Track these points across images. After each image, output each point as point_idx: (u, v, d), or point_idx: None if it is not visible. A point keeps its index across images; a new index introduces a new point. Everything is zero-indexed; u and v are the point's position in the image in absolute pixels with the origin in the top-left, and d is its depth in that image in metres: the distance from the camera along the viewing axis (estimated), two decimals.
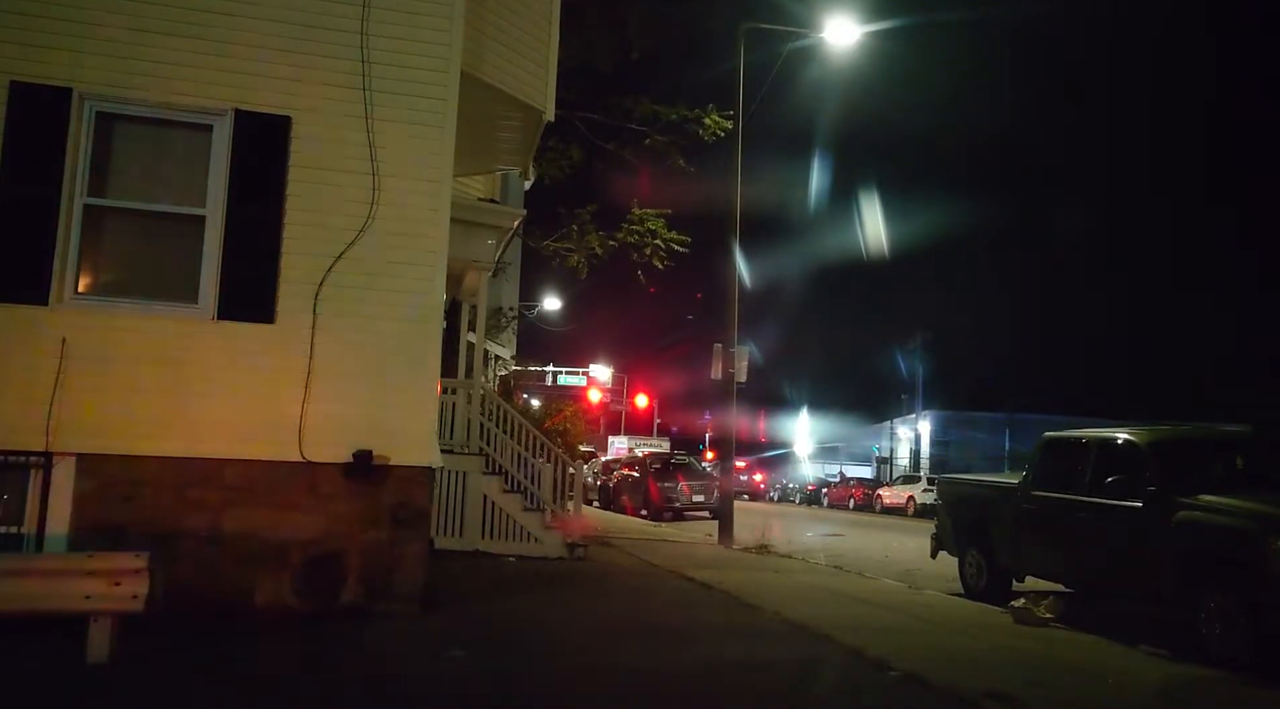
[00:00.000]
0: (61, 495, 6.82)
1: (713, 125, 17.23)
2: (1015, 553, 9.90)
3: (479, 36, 8.43)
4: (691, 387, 51.66)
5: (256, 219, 7.35)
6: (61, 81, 7.08)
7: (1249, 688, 6.47)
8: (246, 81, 7.40)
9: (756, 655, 6.71)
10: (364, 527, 7.34)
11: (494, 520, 11.69)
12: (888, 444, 60.08)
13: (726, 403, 17.45)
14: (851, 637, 7.20)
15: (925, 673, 6.13)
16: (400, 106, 7.64)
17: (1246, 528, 7.19)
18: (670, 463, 27.72)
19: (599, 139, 17.90)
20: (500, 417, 12.49)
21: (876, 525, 26.73)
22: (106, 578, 5.67)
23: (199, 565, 6.93)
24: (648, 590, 9.79)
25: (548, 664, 6.23)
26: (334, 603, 7.21)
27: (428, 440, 7.58)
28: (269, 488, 7.19)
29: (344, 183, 7.48)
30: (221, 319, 7.23)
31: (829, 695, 5.89)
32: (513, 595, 8.82)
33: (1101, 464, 8.82)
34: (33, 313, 6.90)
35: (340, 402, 7.33)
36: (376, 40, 7.60)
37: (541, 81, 9.30)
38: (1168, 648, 7.45)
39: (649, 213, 18.13)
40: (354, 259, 7.42)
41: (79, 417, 6.86)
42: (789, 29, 17.18)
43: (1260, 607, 6.89)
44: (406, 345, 7.55)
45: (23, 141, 6.99)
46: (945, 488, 12.24)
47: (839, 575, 12.22)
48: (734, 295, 16.94)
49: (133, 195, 7.37)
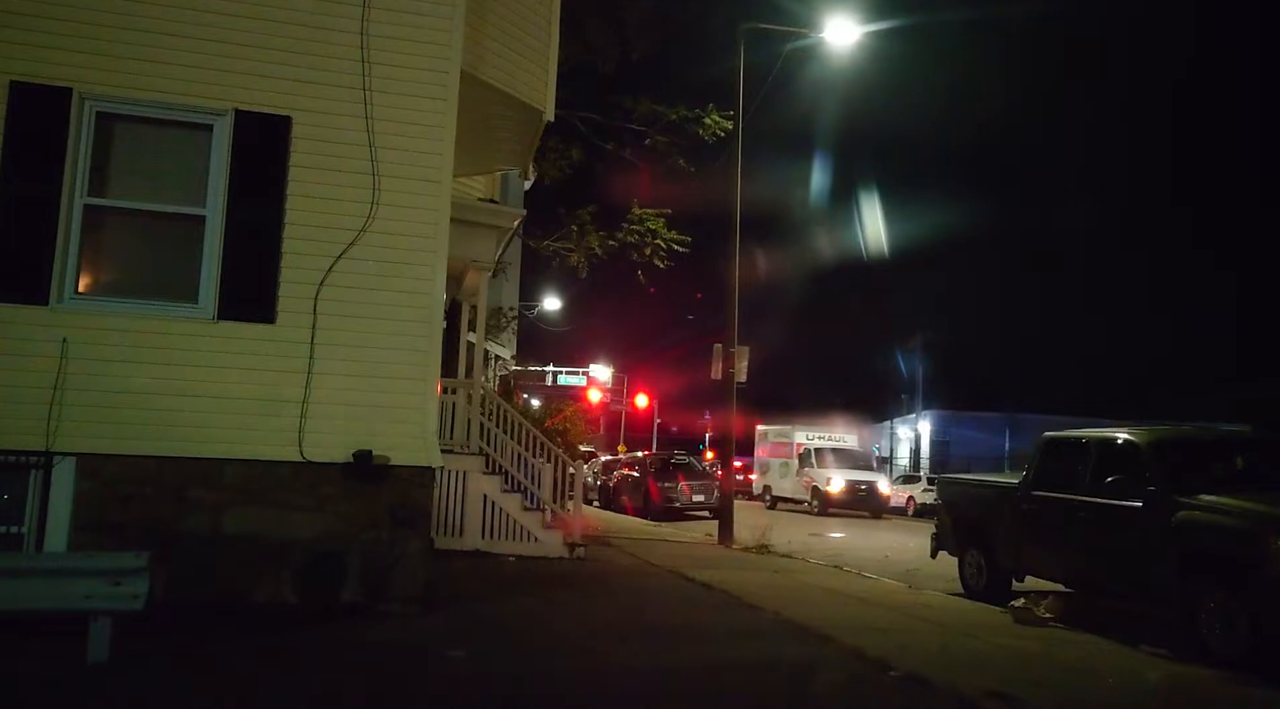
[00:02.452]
0: (61, 495, 6.83)
1: (713, 125, 17.23)
2: (1015, 553, 9.90)
3: (479, 36, 8.44)
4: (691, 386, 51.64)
5: (257, 219, 7.36)
6: (61, 81, 7.09)
7: (1249, 688, 6.47)
8: (246, 81, 7.41)
9: (757, 655, 6.71)
10: (364, 526, 7.34)
11: (494, 520, 11.70)
12: (888, 444, 60.05)
13: (726, 403, 17.45)
14: (852, 637, 7.20)
15: (926, 673, 6.13)
16: (400, 106, 7.65)
17: (1246, 528, 7.20)
18: (670, 463, 27.71)
19: (599, 139, 17.91)
20: (500, 416, 12.50)
21: (876, 525, 26.71)
22: (106, 578, 5.67)
23: (199, 565, 6.93)
24: (648, 590, 9.79)
25: (548, 664, 6.23)
26: (334, 603, 7.22)
27: (428, 440, 7.58)
28: (269, 488, 7.20)
29: (344, 183, 7.49)
30: (222, 319, 7.24)
31: (829, 695, 5.90)
32: (513, 595, 8.82)
33: (1101, 464, 8.82)
34: (33, 313, 6.91)
35: (340, 402, 7.34)
36: (376, 40, 7.61)
37: (541, 81, 9.30)
38: (1168, 648, 7.45)
39: (649, 213, 18.14)
40: (354, 259, 7.43)
41: (79, 417, 6.86)
42: (789, 29, 17.18)
43: (1260, 606, 6.89)
44: (407, 345, 7.56)
45: (23, 141, 6.99)
46: (945, 488, 12.24)
47: (839, 575, 12.21)
48: (734, 295, 16.94)
49: (133, 195, 7.37)
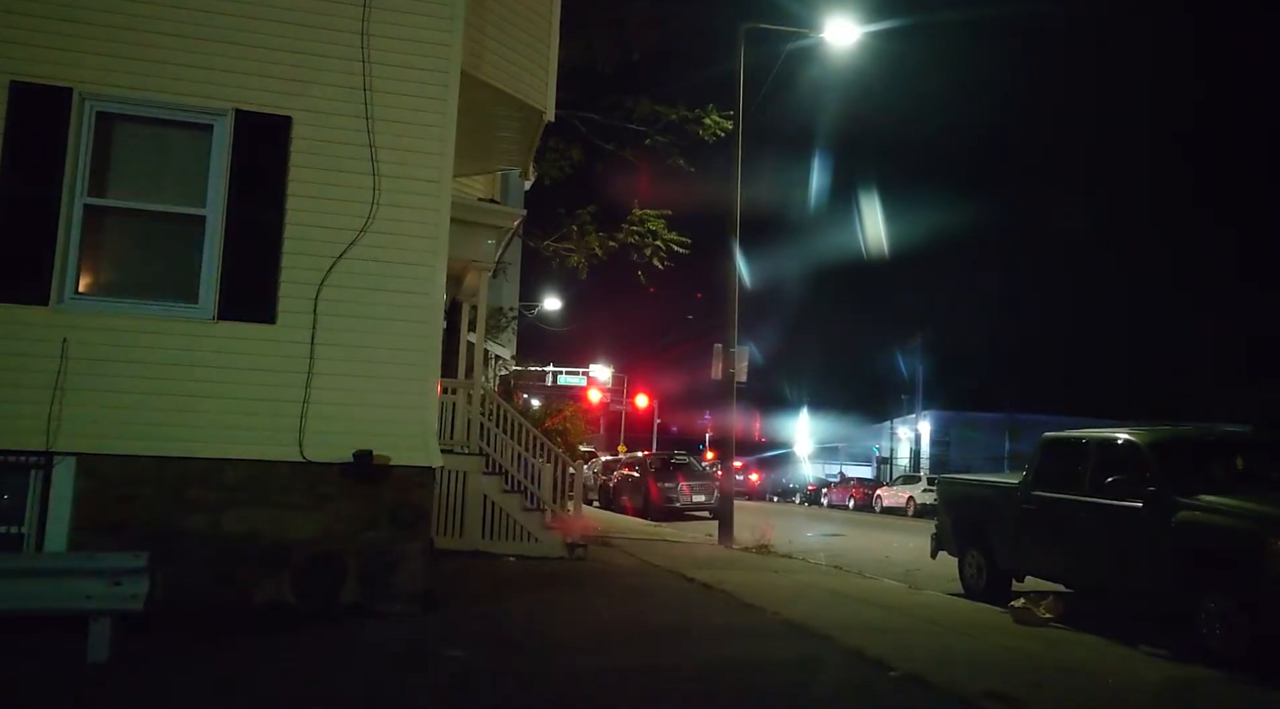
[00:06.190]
0: (61, 495, 6.83)
1: (713, 125, 17.24)
2: (1015, 553, 9.89)
3: (479, 36, 8.44)
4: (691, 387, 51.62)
5: (257, 219, 7.35)
6: (61, 81, 7.09)
7: (1249, 688, 6.47)
8: (246, 81, 7.41)
9: (757, 655, 6.72)
10: (364, 526, 7.34)
11: (494, 520, 11.70)
12: (888, 444, 60.05)
13: (726, 403, 17.45)
14: (852, 637, 7.20)
15: (925, 673, 6.13)
16: (400, 106, 7.65)
17: (1246, 528, 7.19)
18: (670, 463, 27.71)
19: (599, 139, 17.90)
20: (500, 416, 12.49)
21: (876, 525, 26.72)
22: (106, 578, 5.68)
23: (199, 565, 6.93)
24: (648, 590, 9.79)
25: (548, 664, 6.23)
26: (334, 603, 7.22)
27: (428, 440, 7.58)
28: (269, 488, 7.20)
29: (344, 183, 7.49)
30: (222, 319, 7.24)
31: (829, 695, 5.90)
32: (512, 595, 8.82)
33: (1102, 464, 8.81)
34: (33, 313, 6.91)
35: (340, 402, 7.34)
36: (376, 40, 7.61)
37: (541, 81, 9.31)
38: (1168, 648, 7.45)
39: (649, 213, 18.15)
40: (354, 259, 7.43)
41: (79, 416, 6.86)
42: (789, 29, 17.18)
43: (1260, 607, 6.89)
44: (407, 345, 7.56)
45: (23, 141, 6.99)
46: (945, 488, 12.23)
47: (839, 575, 12.20)
48: (734, 295, 16.93)
49: (133, 195, 7.37)
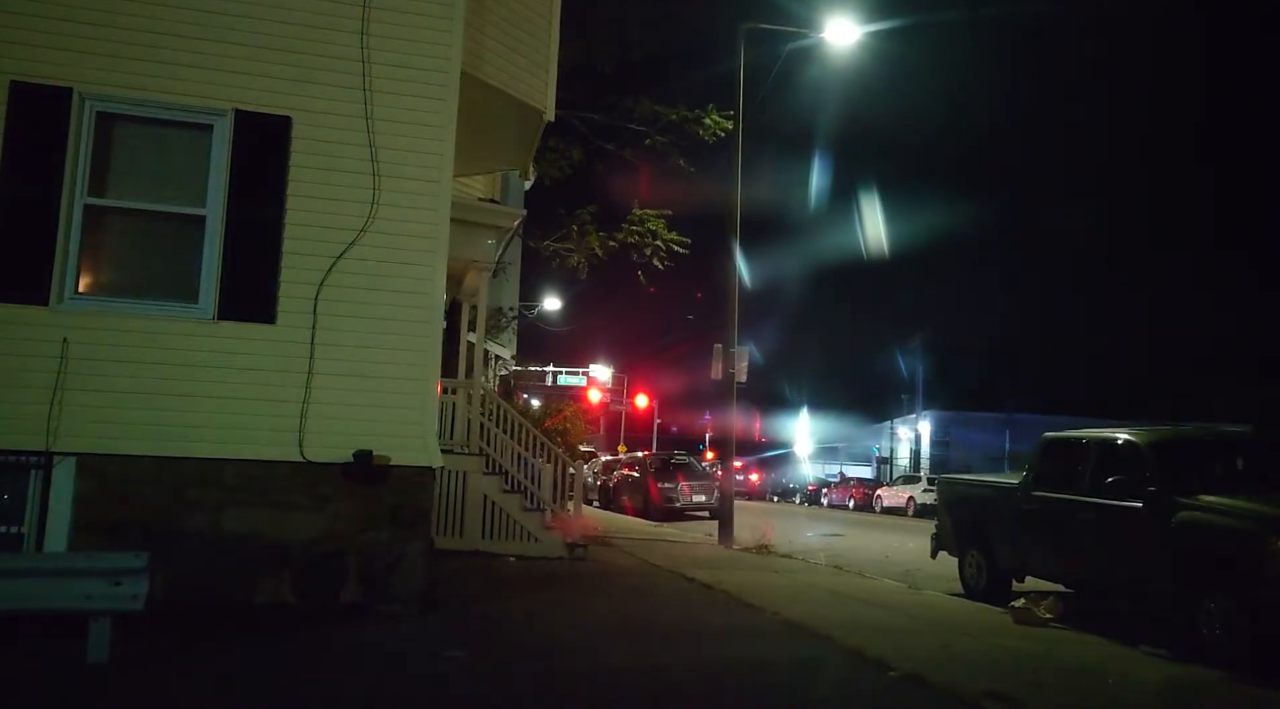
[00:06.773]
0: (61, 495, 6.83)
1: (713, 125, 17.23)
2: (1015, 553, 9.89)
3: (479, 36, 8.44)
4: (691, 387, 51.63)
5: (257, 219, 7.36)
6: (61, 81, 7.09)
7: (1249, 688, 6.47)
8: (246, 81, 7.41)
9: (757, 655, 6.71)
10: (364, 527, 7.34)
11: (494, 520, 11.70)
12: (888, 444, 60.07)
13: (726, 403, 17.44)
14: (852, 637, 7.20)
15: (925, 673, 6.12)
16: (400, 106, 7.65)
17: (1246, 528, 7.19)
18: (670, 463, 27.71)
19: (599, 139, 17.90)
20: (500, 417, 12.50)
21: (876, 525, 26.71)
22: (106, 578, 5.68)
23: (199, 566, 6.93)
24: (648, 590, 9.79)
25: (547, 664, 6.23)
26: (334, 603, 7.22)
27: (428, 440, 7.58)
28: (269, 488, 7.20)
29: (344, 183, 7.49)
30: (222, 319, 7.24)
31: (829, 695, 5.91)
32: (513, 595, 8.82)
33: (1102, 464, 8.81)
34: (33, 313, 6.91)
35: (340, 402, 7.34)
36: (376, 40, 7.61)
37: (541, 82, 9.30)
38: (1168, 648, 7.44)
39: (649, 213, 18.14)
40: (354, 259, 7.43)
41: (79, 416, 6.86)
42: (789, 29, 17.18)
43: (1260, 607, 6.88)
44: (406, 345, 7.56)
45: (23, 141, 6.99)
46: (945, 488, 12.22)
47: (839, 575, 12.20)
48: (734, 295, 16.93)
49: (133, 195, 7.37)
